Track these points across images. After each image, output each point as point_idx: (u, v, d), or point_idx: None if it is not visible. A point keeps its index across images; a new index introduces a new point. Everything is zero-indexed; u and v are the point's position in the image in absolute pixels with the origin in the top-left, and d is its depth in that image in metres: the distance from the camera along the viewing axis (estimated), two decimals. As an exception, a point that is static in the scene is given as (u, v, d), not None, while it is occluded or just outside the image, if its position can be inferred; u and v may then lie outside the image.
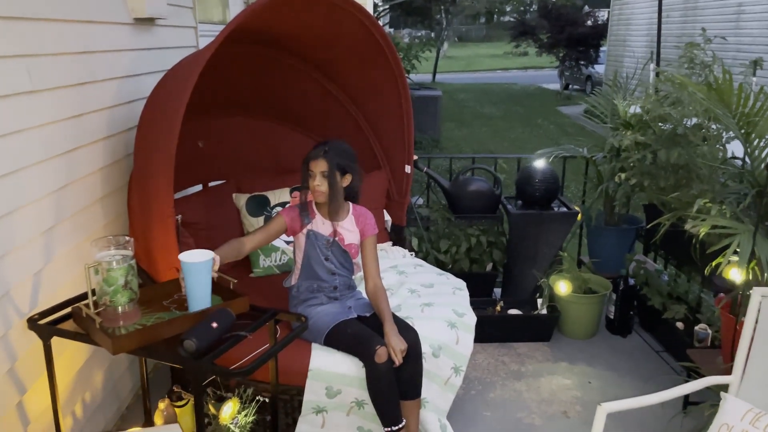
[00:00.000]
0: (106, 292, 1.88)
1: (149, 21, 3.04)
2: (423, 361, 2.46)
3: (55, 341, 1.97)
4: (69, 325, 1.98)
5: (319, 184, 2.42)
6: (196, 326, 1.80)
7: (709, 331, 3.08)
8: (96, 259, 1.89)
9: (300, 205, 2.52)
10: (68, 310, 2.01)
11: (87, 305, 1.91)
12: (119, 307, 1.89)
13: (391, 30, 23.29)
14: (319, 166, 2.42)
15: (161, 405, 2.24)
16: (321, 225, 2.53)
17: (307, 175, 2.46)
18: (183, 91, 2.18)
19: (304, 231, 2.51)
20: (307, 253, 2.53)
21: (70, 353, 2.33)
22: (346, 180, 2.50)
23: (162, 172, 2.20)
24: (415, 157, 3.55)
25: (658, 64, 4.22)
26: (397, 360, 2.32)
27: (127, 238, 1.95)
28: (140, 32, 2.97)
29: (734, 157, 3.04)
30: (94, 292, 1.92)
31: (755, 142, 2.66)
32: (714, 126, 3.09)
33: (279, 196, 3.29)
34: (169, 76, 2.60)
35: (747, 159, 2.77)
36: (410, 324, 2.51)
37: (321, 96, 3.44)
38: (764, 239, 2.39)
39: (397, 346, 2.32)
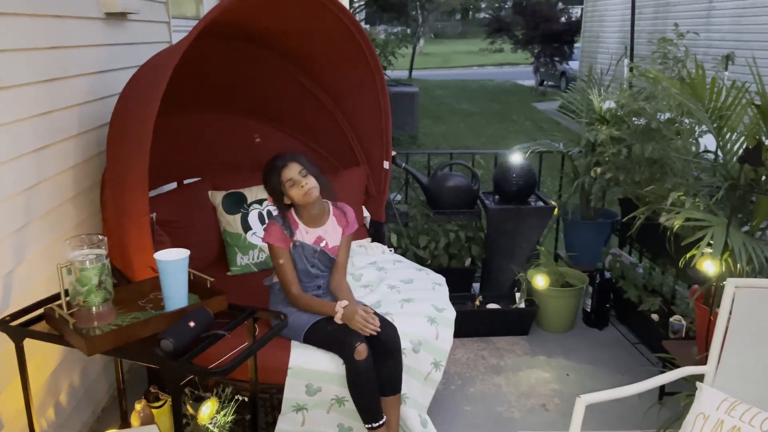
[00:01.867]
0: (80, 292, 1.84)
1: (121, 16, 2.98)
2: (403, 356, 2.46)
3: (28, 343, 1.92)
4: (42, 327, 1.94)
5: (306, 183, 2.37)
6: (173, 325, 1.78)
7: (684, 323, 3.13)
8: (69, 258, 1.85)
9: (278, 218, 2.45)
10: (41, 311, 1.97)
11: (60, 306, 1.87)
12: (93, 308, 1.86)
13: (367, 26, 23.23)
14: (294, 169, 2.37)
15: (138, 406, 2.20)
16: (305, 234, 2.48)
17: (281, 191, 2.38)
18: (157, 87, 2.15)
19: (291, 243, 2.46)
20: (293, 262, 2.48)
21: (43, 355, 2.28)
22: None
23: (136, 169, 2.16)
24: (394, 153, 3.55)
25: (631, 59, 4.27)
26: (373, 328, 2.33)
27: (101, 236, 1.91)
28: (112, 27, 2.92)
29: (707, 151, 3.09)
30: (67, 293, 1.89)
31: (727, 136, 2.70)
32: (687, 120, 3.14)
33: (256, 193, 3.26)
34: (142, 72, 2.55)
35: (719, 152, 2.81)
36: (390, 320, 2.51)
37: (298, 92, 3.41)
38: (737, 231, 2.43)
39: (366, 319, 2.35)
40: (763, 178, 2.56)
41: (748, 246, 2.34)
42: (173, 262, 1.90)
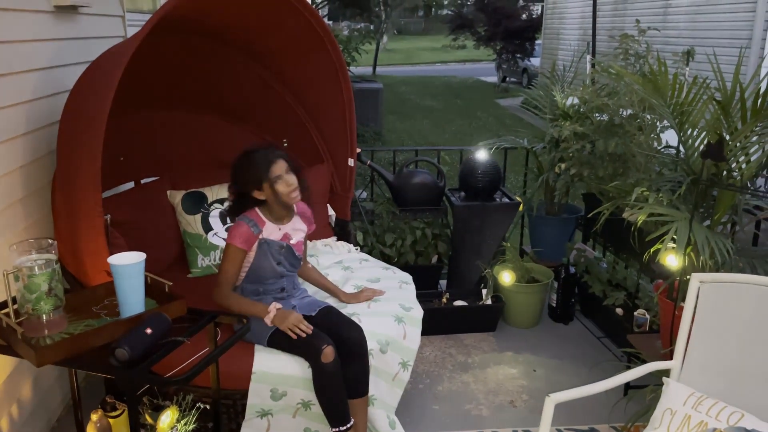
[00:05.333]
0: (29, 299, 1.75)
1: (72, 9, 2.85)
2: (370, 357, 2.42)
3: (-28, 355, 1.82)
4: (-13, 337, 1.83)
5: (293, 182, 2.34)
6: (128, 333, 1.70)
7: (648, 316, 3.16)
8: (16, 264, 1.75)
9: (245, 217, 2.39)
10: (-14, 320, 1.86)
11: (7, 315, 1.77)
12: (43, 316, 1.76)
13: (330, 22, 23.05)
14: (283, 166, 2.34)
15: (94, 416, 2.10)
16: (274, 231, 2.42)
17: (258, 184, 2.33)
18: (108, 83, 2.05)
19: (256, 241, 2.40)
20: (257, 261, 2.40)
21: (-9, 366, 2.17)
22: None
23: (87, 169, 2.06)
24: (359, 150, 3.50)
25: (593, 55, 4.30)
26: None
27: (50, 241, 1.82)
28: (62, 21, 2.79)
29: (669, 146, 3.12)
30: (14, 300, 1.79)
31: (689, 131, 2.73)
32: (649, 116, 3.17)
33: (217, 192, 3.17)
34: (93, 68, 2.45)
35: (681, 148, 2.84)
36: (356, 320, 2.47)
37: (259, 88, 3.33)
38: (700, 226, 2.45)
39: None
40: (724, 172, 2.59)
41: (710, 240, 2.37)
42: (128, 266, 1.82)
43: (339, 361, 2.28)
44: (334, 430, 2.30)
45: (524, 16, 17.83)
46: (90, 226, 2.11)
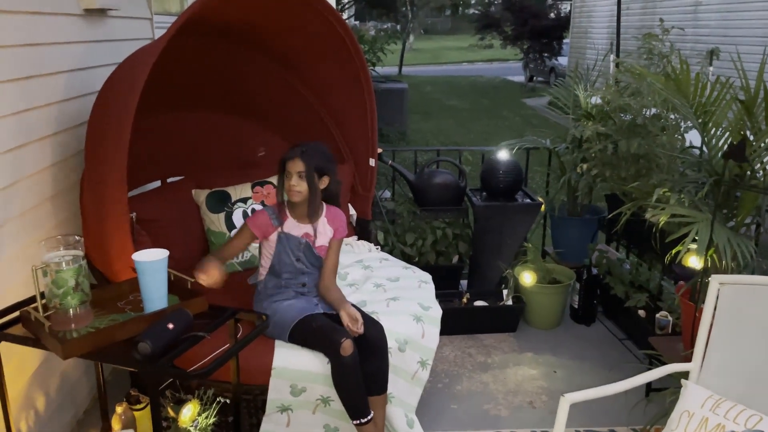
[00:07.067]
0: (56, 294, 1.81)
1: (100, 12, 2.93)
2: (389, 356, 2.44)
3: (4, 346, 1.89)
4: (18, 330, 1.90)
5: (295, 185, 2.39)
6: (150, 328, 1.75)
7: (670, 318, 3.13)
8: (44, 260, 1.82)
9: (270, 208, 2.50)
10: (17, 313, 1.93)
11: (35, 309, 1.84)
12: (70, 310, 1.83)
13: (357, 23, 23.15)
14: (296, 167, 2.39)
15: (119, 409, 2.17)
16: (294, 227, 2.49)
17: (283, 175, 2.43)
18: (135, 85, 2.11)
19: (276, 233, 2.47)
20: (278, 254, 2.48)
21: (21, 358, 2.24)
22: (324, 182, 2.46)
23: (114, 168, 2.12)
24: (380, 150, 3.52)
25: (617, 55, 4.26)
26: (357, 328, 2.36)
27: (77, 237, 1.88)
28: (91, 24, 2.87)
29: (692, 147, 3.09)
30: (43, 295, 1.85)
31: (712, 131, 2.70)
32: (672, 116, 3.13)
33: (240, 191, 3.22)
34: (120, 69, 2.52)
35: (704, 148, 2.81)
36: (375, 319, 2.49)
37: (281, 89, 3.38)
38: (721, 227, 2.43)
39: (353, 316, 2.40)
40: (748, 173, 2.56)
41: (732, 242, 2.34)
42: (151, 263, 1.87)
43: (357, 355, 2.31)
44: (354, 422, 2.33)
45: (552, 14, 17.66)
46: (116, 224, 2.18)
